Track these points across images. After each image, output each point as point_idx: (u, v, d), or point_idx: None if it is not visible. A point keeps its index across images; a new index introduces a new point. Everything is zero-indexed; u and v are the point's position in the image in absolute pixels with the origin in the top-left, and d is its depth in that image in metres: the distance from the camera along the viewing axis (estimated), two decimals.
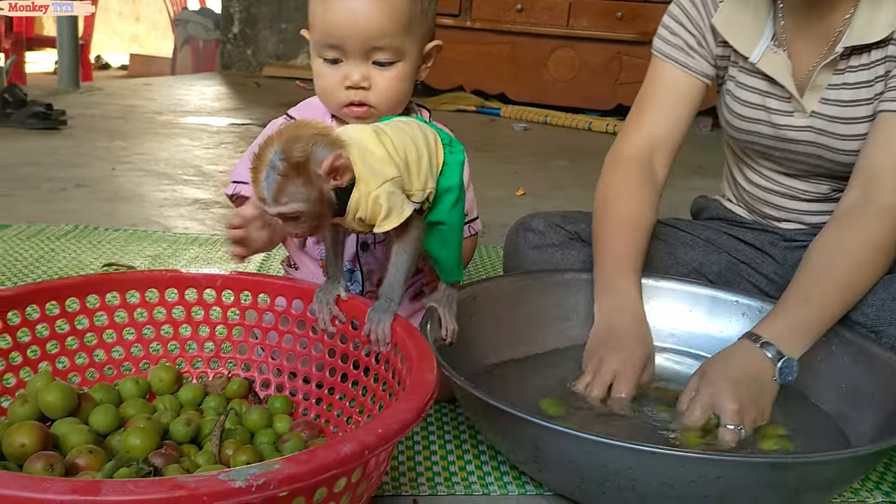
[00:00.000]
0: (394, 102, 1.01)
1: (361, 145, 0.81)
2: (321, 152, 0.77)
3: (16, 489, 0.54)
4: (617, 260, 1.08)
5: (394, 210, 0.81)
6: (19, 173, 2.23)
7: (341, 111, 1.02)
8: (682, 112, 1.15)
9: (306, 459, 0.61)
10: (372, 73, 0.98)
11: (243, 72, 5.56)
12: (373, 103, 1.00)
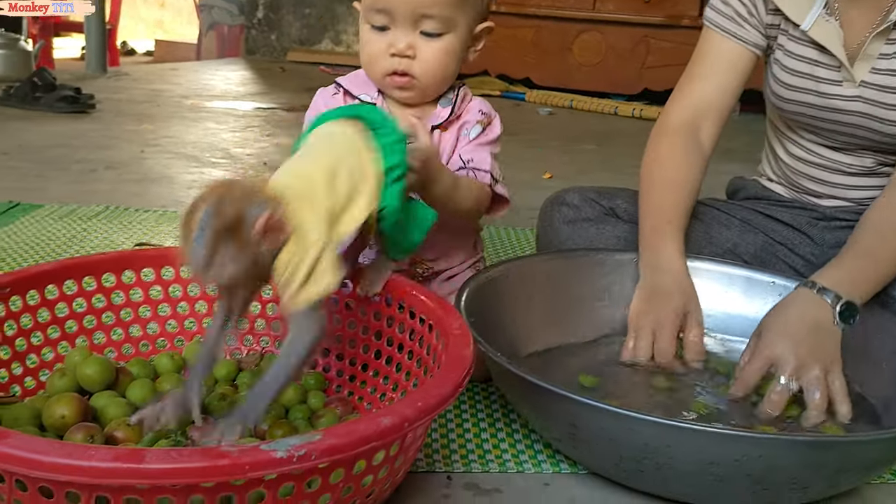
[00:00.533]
0: (437, 77, 0.99)
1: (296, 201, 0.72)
2: (254, 210, 0.69)
3: (60, 456, 0.55)
4: (656, 218, 1.08)
5: (312, 279, 0.72)
6: (50, 155, 2.25)
7: (384, 81, 1.01)
8: (731, 82, 1.14)
9: (347, 431, 0.61)
10: (418, 43, 0.96)
11: (268, 57, 5.56)
12: (416, 74, 0.98)
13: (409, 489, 0.82)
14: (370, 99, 1.04)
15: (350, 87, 1.05)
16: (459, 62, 1.01)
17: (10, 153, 2.23)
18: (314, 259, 0.72)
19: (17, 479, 0.58)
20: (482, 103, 1.07)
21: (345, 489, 0.64)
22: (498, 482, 0.86)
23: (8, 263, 1.36)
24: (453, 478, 0.86)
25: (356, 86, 1.05)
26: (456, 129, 1.04)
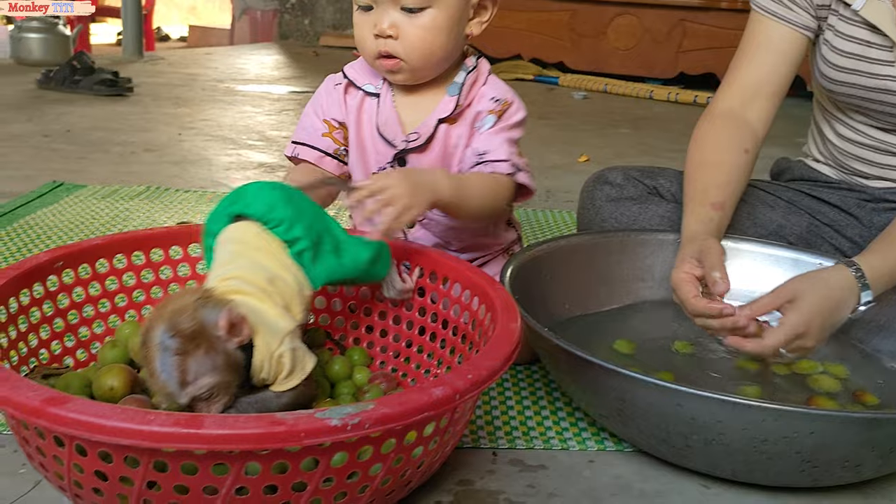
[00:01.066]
0: (425, 55, 0.93)
1: (250, 305, 0.72)
2: (211, 314, 0.68)
3: (121, 421, 0.56)
4: (690, 200, 1.06)
5: (297, 367, 0.73)
6: (90, 138, 2.28)
7: (375, 64, 0.96)
8: (781, 65, 1.12)
9: (400, 401, 0.61)
10: (400, 21, 0.91)
11: (301, 42, 5.58)
12: (401, 55, 0.92)
13: (456, 464, 0.83)
14: (374, 89, 0.99)
15: (355, 77, 1.00)
16: (454, 37, 0.94)
17: (52, 135, 2.27)
18: (291, 352, 0.72)
19: (77, 443, 0.59)
20: (495, 87, 1.00)
21: (395, 459, 0.65)
22: (542, 459, 0.86)
23: (54, 241, 1.38)
24: (498, 454, 0.86)
25: (362, 75, 1.00)
26: (469, 120, 0.98)
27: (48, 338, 0.84)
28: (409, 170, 0.93)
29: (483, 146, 0.97)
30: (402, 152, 0.98)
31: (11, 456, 0.79)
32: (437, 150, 0.98)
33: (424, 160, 0.98)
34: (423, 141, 0.97)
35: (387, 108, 0.99)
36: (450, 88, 0.98)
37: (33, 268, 0.80)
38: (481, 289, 0.84)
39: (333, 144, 1.01)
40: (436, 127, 0.97)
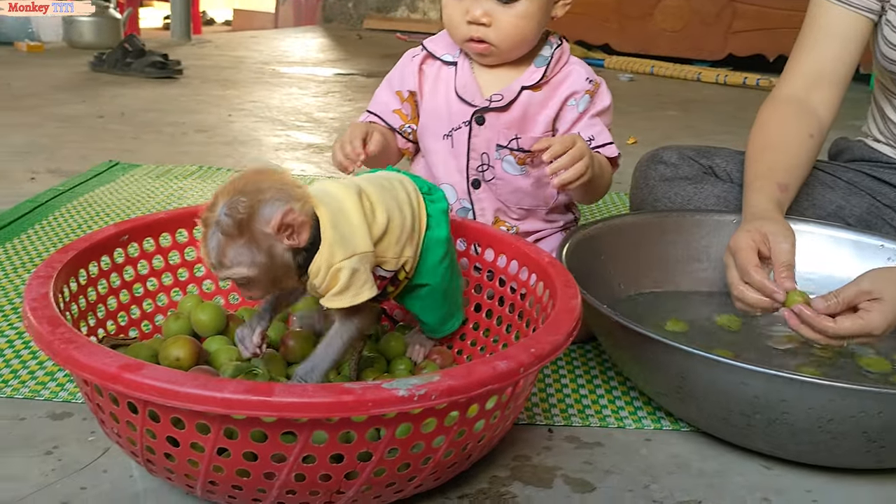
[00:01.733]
0: (516, 42, 0.98)
1: (337, 206, 0.72)
2: (269, 208, 0.67)
3: (194, 387, 0.57)
4: (753, 178, 1.04)
5: (350, 290, 0.72)
6: (143, 119, 2.31)
7: (463, 45, 1.01)
8: (844, 50, 1.09)
9: (465, 373, 0.61)
10: (494, 10, 0.95)
11: (344, 25, 5.60)
12: (493, 41, 0.97)
13: (512, 439, 0.83)
14: (452, 59, 1.04)
15: (434, 49, 1.05)
16: (542, 22, 0.99)
17: (106, 116, 2.31)
18: (351, 272, 0.72)
19: (151, 409, 0.60)
20: (586, 68, 1.04)
21: (458, 432, 0.65)
22: (598, 436, 0.86)
23: (112, 218, 1.41)
24: (554, 431, 0.86)
25: (440, 46, 1.05)
26: (552, 91, 1.02)
27: (115, 309, 0.86)
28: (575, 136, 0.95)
29: (586, 132, 1.02)
30: (483, 110, 1.01)
31: (81, 423, 0.81)
32: (516, 113, 1.02)
33: (502, 120, 1.02)
34: (505, 103, 1.01)
35: (465, 74, 1.03)
36: (537, 61, 1.02)
37: (102, 240, 0.82)
38: (540, 265, 0.84)
39: (399, 120, 1.07)
40: (519, 92, 1.01)
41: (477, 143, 1.02)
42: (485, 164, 1.03)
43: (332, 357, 0.75)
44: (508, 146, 1.02)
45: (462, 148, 1.03)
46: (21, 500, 0.69)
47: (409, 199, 0.81)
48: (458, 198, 1.06)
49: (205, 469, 0.62)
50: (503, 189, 1.05)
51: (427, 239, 0.82)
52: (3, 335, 0.97)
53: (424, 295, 0.85)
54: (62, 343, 0.61)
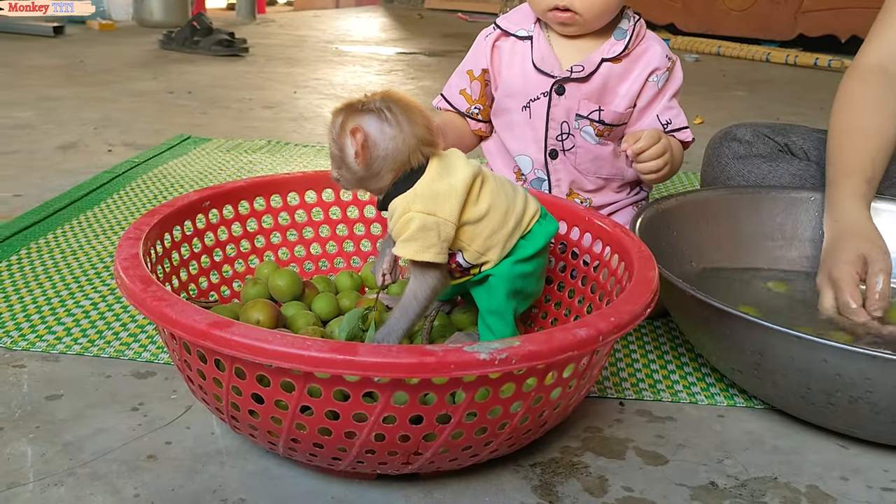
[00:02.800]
0: (600, 11, 0.98)
1: (448, 170, 0.73)
2: (369, 120, 0.70)
3: (280, 345, 0.58)
4: (837, 169, 1.01)
5: (416, 242, 0.72)
6: (211, 95, 2.36)
7: (546, 16, 1.01)
8: None
9: (545, 339, 0.61)
10: None
11: (405, 4, 5.60)
12: (578, 9, 0.97)
13: (583, 411, 0.83)
14: (526, 33, 1.04)
15: (507, 26, 1.06)
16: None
17: (176, 92, 2.36)
18: (421, 225, 0.72)
19: (237, 366, 0.62)
20: (663, 44, 1.04)
21: (535, 398, 0.65)
22: (670, 411, 0.85)
23: (185, 189, 1.45)
24: (625, 404, 0.86)
25: (513, 22, 1.06)
26: (632, 64, 1.02)
27: (196, 273, 0.89)
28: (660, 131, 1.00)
29: (665, 115, 1.03)
30: (563, 80, 1.02)
31: (164, 383, 0.84)
32: (596, 84, 1.02)
33: (582, 90, 1.02)
34: (586, 73, 1.01)
35: (542, 47, 1.03)
36: (616, 33, 1.02)
37: (185, 206, 0.84)
38: (615, 238, 0.84)
39: (465, 103, 1.08)
40: (599, 63, 1.01)
41: (556, 113, 1.03)
42: (564, 134, 1.04)
43: (408, 318, 0.75)
44: (589, 117, 1.02)
45: (541, 118, 1.03)
46: (112, 451, 0.72)
47: (519, 217, 0.79)
48: (533, 168, 1.06)
49: (287, 427, 0.64)
50: (582, 158, 1.05)
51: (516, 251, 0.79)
52: (88, 298, 1.00)
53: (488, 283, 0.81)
54: (154, 300, 0.63)
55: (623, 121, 1.04)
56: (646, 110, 1.04)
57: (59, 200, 1.34)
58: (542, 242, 0.80)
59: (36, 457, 0.70)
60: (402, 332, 0.75)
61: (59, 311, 0.96)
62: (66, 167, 1.55)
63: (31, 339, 0.90)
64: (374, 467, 0.67)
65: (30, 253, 1.12)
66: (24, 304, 0.97)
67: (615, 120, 1.03)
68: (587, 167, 1.06)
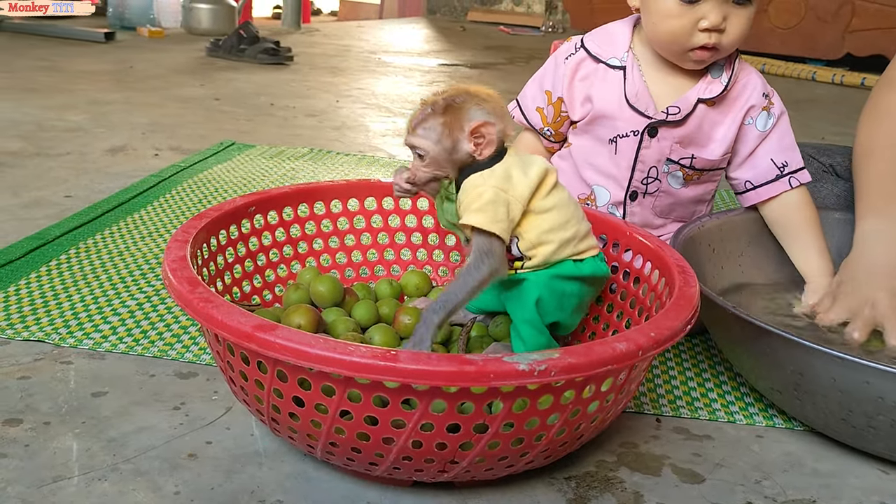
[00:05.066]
0: (738, 44, 0.94)
1: (528, 163, 0.77)
2: (479, 113, 0.74)
3: (323, 349, 0.59)
4: (881, 179, 0.99)
5: (487, 212, 0.73)
6: (256, 102, 2.40)
7: (684, 56, 0.94)
8: None
9: (584, 352, 0.62)
10: (730, 13, 0.90)
11: (448, 16, 5.63)
12: (724, 47, 0.92)
13: (620, 426, 0.83)
14: (619, 63, 0.99)
15: (598, 52, 0.99)
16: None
17: (222, 99, 2.40)
18: (494, 197, 0.74)
19: (279, 369, 0.63)
20: (760, 78, 0.99)
21: (573, 411, 0.66)
22: (708, 429, 0.85)
23: (230, 194, 1.47)
24: (662, 420, 0.86)
25: (604, 48, 0.99)
26: (728, 106, 0.97)
27: (240, 277, 0.90)
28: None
29: (780, 157, 0.98)
30: (658, 123, 0.97)
31: (205, 383, 0.85)
32: (691, 127, 0.97)
33: (675, 133, 0.98)
34: (682, 116, 0.96)
35: (636, 81, 0.98)
36: (713, 70, 0.97)
37: (232, 210, 0.86)
38: (656, 255, 0.84)
39: (540, 122, 1.05)
40: (695, 105, 0.96)
41: (646, 156, 0.98)
42: (651, 178, 1.00)
43: (463, 292, 0.73)
44: (680, 162, 0.99)
45: (627, 158, 0.99)
46: (154, 448, 0.74)
47: (581, 237, 0.80)
48: (608, 202, 1.03)
49: (327, 430, 0.65)
50: (662, 201, 1.02)
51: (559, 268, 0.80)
52: (133, 298, 1.03)
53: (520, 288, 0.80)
54: (201, 302, 0.64)
55: (716, 167, 1.01)
56: (753, 154, 1.00)
57: (108, 202, 1.37)
58: (588, 272, 0.81)
59: (81, 451, 0.72)
60: (455, 306, 0.73)
61: (106, 311, 0.99)
62: (115, 170, 1.59)
63: (79, 336, 0.92)
64: (410, 474, 0.68)
65: (78, 253, 1.15)
66: (73, 303, 1.00)
67: (707, 166, 0.99)
68: (663, 209, 1.03)
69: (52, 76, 2.56)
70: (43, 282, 1.05)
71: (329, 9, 7.54)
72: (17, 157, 1.62)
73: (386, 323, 0.90)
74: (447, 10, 5.68)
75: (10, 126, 1.87)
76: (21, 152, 1.66)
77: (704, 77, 0.97)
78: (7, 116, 1.97)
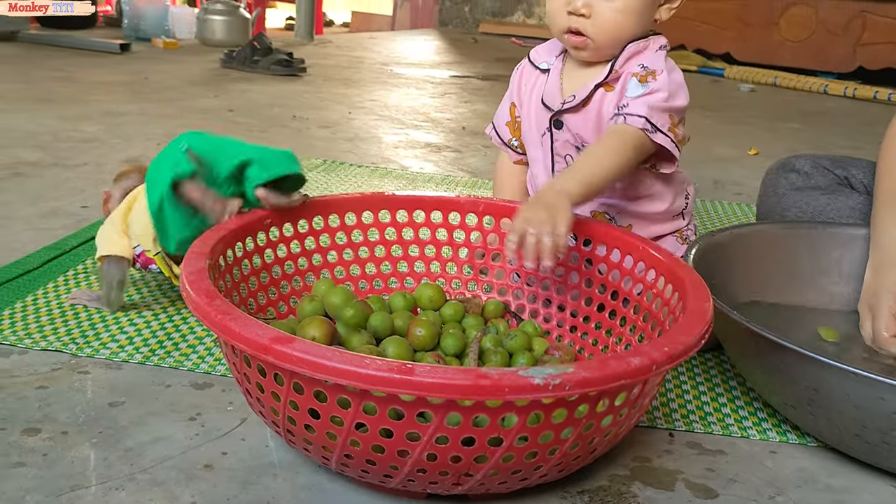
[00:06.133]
0: (613, 37, 0.95)
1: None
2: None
3: (339, 362, 0.59)
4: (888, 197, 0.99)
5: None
6: (270, 113, 2.41)
7: (562, 38, 1.00)
8: None
9: (599, 366, 0.62)
10: (594, 2, 0.94)
11: (460, 28, 5.66)
12: (590, 34, 0.95)
13: (632, 441, 0.83)
14: (547, 66, 1.05)
15: (535, 58, 1.06)
16: (643, 21, 0.96)
17: (236, 110, 2.42)
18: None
19: (296, 381, 0.64)
20: (651, 59, 0.97)
21: (586, 425, 0.66)
22: (721, 444, 0.85)
23: None
24: (675, 435, 0.86)
25: (541, 54, 1.06)
26: (622, 86, 0.98)
27: (255, 289, 0.91)
28: (533, 197, 0.87)
29: (623, 102, 0.94)
30: (558, 113, 1.00)
31: (220, 394, 0.86)
32: (592, 113, 0.99)
33: (579, 122, 1.00)
34: (577, 102, 0.99)
35: (553, 81, 1.03)
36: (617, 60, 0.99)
37: (248, 223, 0.87)
38: (668, 268, 0.84)
39: (509, 134, 1.10)
40: (592, 91, 0.98)
41: (559, 148, 1.02)
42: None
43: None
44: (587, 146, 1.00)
45: (546, 152, 1.04)
46: (170, 458, 0.74)
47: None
48: None
49: (342, 442, 0.65)
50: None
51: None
52: (150, 308, 1.04)
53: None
54: (219, 314, 0.65)
55: None
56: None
57: None
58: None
59: (98, 461, 0.73)
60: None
61: (122, 321, 0.99)
62: None
63: (96, 346, 0.93)
64: (424, 486, 0.68)
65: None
66: (90, 313, 1.01)
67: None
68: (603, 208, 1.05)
69: (68, 87, 2.59)
70: (60, 291, 1.06)
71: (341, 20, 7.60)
72: (36, 168, 1.64)
73: (400, 335, 0.91)
74: (459, 21, 5.70)
75: (27, 136, 1.89)
76: (39, 162, 1.68)
77: (607, 66, 0.98)
78: (24, 127, 1.99)
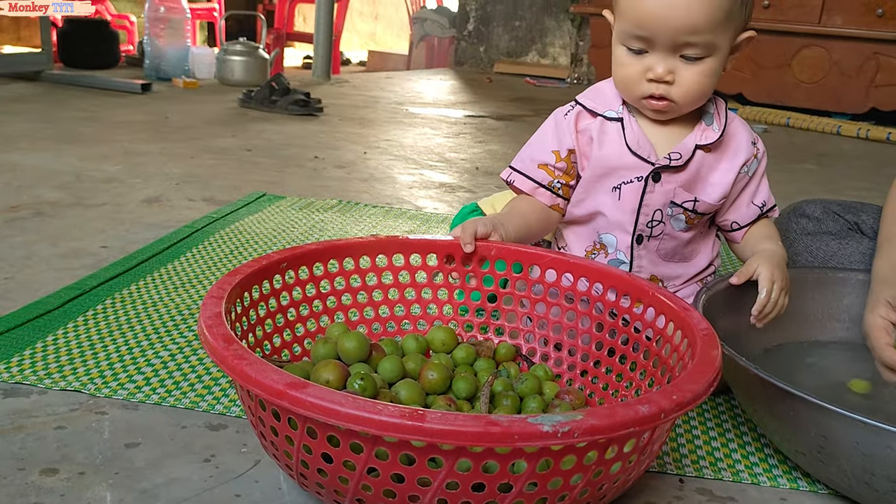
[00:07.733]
0: (696, 98, 0.97)
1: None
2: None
3: (353, 408, 0.61)
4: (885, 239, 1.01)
5: None
6: (286, 153, 2.45)
7: (639, 102, 1.00)
8: None
9: (607, 414, 0.63)
10: (678, 68, 0.95)
11: (475, 68, 5.73)
12: (674, 98, 0.96)
13: (642, 486, 0.84)
14: (615, 115, 1.03)
15: (593, 106, 1.04)
16: (718, 76, 0.98)
17: (254, 150, 2.46)
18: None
19: (309, 426, 0.65)
20: (745, 126, 1.05)
21: (595, 472, 0.67)
22: (731, 491, 0.85)
23: (260, 246, 1.51)
24: (685, 481, 0.86)
25: (599, 102, 1.04)
26: (722, 153, 1.02)
27: (271, 331, 0.93)
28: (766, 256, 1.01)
29: (760, 198, 1.06)
30: (662, 168, 1.01)
31: (235, 436, 0.87)
32: (690, 172, 1.02)
33: (677, 178, 1.02)
34: (682, 162, 1.01)
35: (635, 130, 1.02)
36: (705, 118, 1.02)
37: (265, 266, 0.89)
38: (677, 315, 0.85)
39: (548, 177, 1.06)
40: (693, 151, 1.01)
41: (651, 200, 1.02)
42: (655, 221, 1.03)
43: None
44: (683, 205, 1.02)
45: (632, 203, 1.02)
46: (185, 500, 0.75)
47: None
48: (616, 249, 1.06)
49: (354, 487, 0.66)
50: (666, 244, 1.06)
51: None
52: (167, 349, 1.05)
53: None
54: (235, 359, 0.67)
55: (715, 210, 1.05)
56: (739, 198, 1.05)
57: (143, 252, 1.41)
58: None
59: (114, 502, 0.74)
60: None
61: (140, 361, 1.01)
62: (150, 220, 1.63)
63: (114, 386, 0.95)
64: None
65: (114, 303, 1.19)
66: (108, 353, 1.03)
67: (707, 210, 1.03)
68: (667, 252, 1.06)
69: (90, 126, 2.64)
70: (80, 331, 1.08)
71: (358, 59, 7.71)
72: (56, 207, 1.68)
73: (412, 378, 0.92)
74: (474, 61, 5.78)
75: (50, 176, 1.94)
76: (60, 202, 1.72)
77: (699, 125, 1.01)
78: (48, 166, 2.03)
